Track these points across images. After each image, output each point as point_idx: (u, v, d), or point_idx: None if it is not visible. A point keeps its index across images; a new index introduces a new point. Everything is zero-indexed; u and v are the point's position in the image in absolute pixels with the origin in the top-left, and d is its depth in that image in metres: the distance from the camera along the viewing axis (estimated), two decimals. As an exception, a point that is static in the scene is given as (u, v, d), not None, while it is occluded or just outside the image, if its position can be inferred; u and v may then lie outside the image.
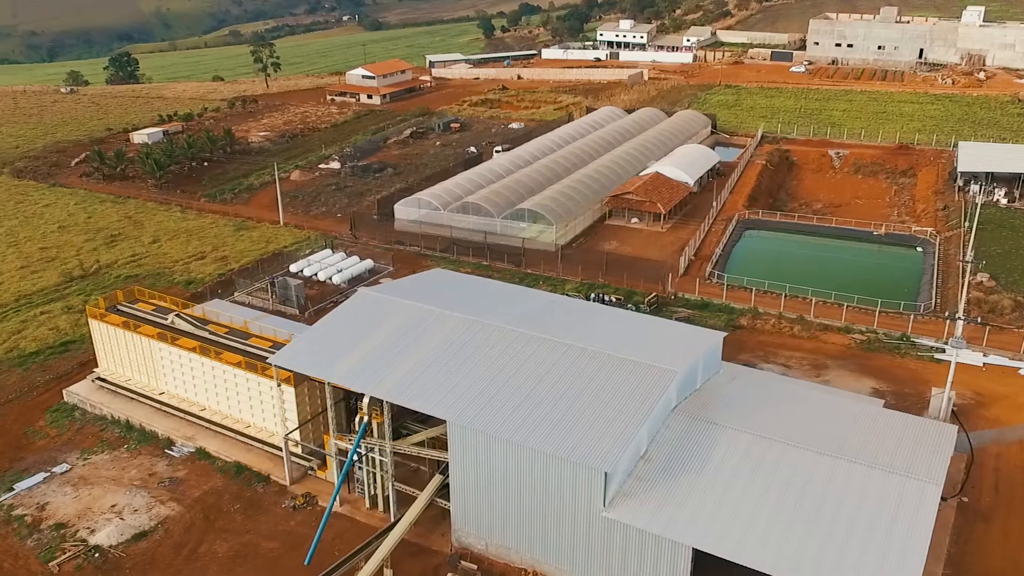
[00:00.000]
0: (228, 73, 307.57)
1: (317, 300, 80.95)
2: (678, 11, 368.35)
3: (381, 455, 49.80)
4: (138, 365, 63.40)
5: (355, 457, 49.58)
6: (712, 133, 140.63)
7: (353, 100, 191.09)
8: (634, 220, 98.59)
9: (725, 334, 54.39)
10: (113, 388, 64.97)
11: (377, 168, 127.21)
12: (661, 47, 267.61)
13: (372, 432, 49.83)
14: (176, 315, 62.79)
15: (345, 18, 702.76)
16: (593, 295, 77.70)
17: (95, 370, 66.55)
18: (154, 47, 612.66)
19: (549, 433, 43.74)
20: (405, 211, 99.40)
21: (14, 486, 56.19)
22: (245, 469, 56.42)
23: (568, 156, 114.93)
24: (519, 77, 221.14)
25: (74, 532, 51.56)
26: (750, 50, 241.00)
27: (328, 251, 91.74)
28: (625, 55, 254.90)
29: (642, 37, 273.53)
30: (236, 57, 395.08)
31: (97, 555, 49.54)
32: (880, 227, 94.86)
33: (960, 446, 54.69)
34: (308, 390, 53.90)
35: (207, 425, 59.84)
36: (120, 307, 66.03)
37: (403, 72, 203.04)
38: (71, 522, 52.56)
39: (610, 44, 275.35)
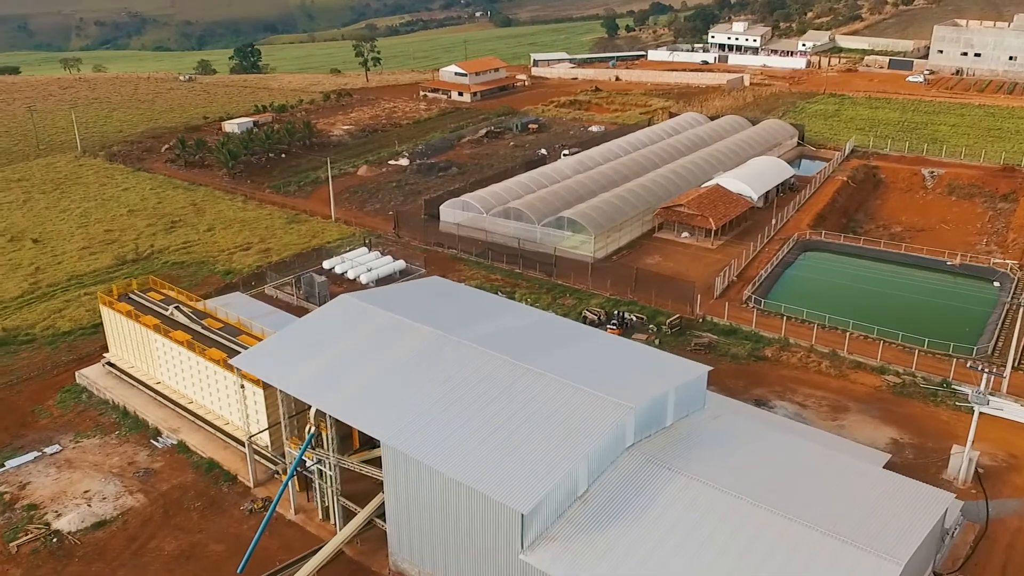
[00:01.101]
0: (350, 66, 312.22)
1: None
2: (809, 14, 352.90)
3: (328, 468, 48.42)
4: (139, 354, 64.62)
5: (299, 468, 48.38)
6: (799, 145, 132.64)
7: (444, 97, 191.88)
8: (684, 235, 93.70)
9: (710, 368, 50.00)
10: (118, 374, 66.54)
11: (442, 167, 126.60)
12: (774, 51, 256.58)
13: (323, 443, 48.52)
14: (175, 307, 63.55)
15: (478, 14, 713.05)
16: (616, 312, 73.99)
17: (105, 355, 68.37)
18: (294, 38, 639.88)
19: (478, 463, 41.10)
20: (450, 213, 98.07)
21: (5, 463, 58.15)
22: (216, 467, 56.36)
23: (630, 163, 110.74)
24: (617, 79, 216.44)
25: (42, 515, 52.70)
26: (866, 57, 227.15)
27: (364, 249, 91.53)
28: (734, 58, 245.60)
29: (755, 40, 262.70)
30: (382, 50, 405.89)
31: (55, 540, 50.42)
32: (955, 257, 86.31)
33: (975, 515, 48.54)
34: (281, 392, 53.11)
35: (192, 419, 60.24)
36: (131, 295, 67.47)
37: (496, 70, 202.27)
38: (43, 504, 53.80)
39: (721, 47, 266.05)
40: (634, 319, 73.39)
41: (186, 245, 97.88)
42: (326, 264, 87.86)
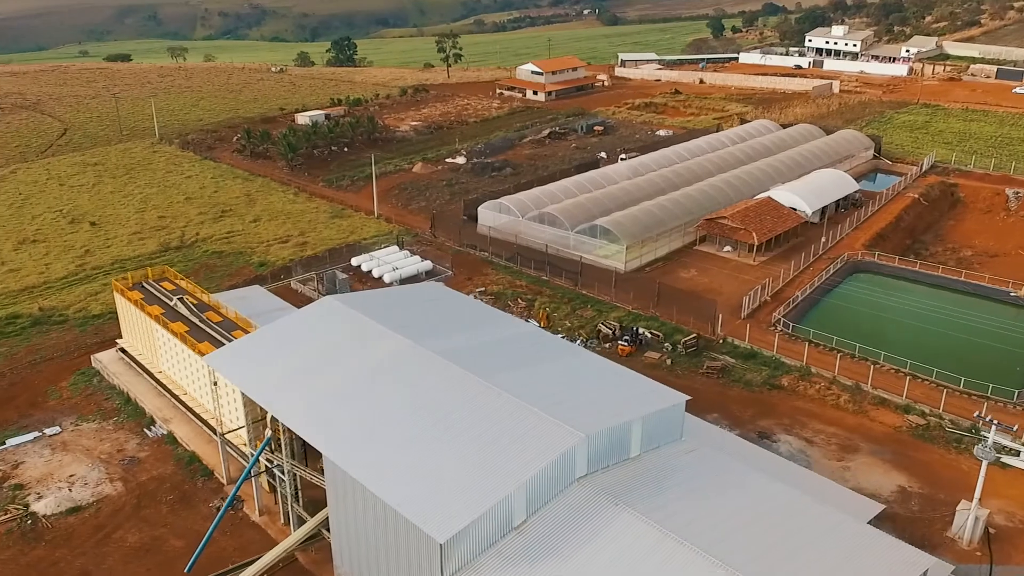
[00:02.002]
0: (467, 61, 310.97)
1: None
2: (928, 18, 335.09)
3: (283, 473, 47.67)
4: (144, 342, 65.68)
5: (253, 471, 47.82)
6: (874, 158, 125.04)
7: (519, 95, 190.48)
8: (727, 248, 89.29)
9: (688, 398, 46.69)
10: (128, 361, 67.87)
11: (497, 167, 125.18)
12: (875, 57, 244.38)
13: (282, 449, 47.78)
14: (179, 298, 64.22)
15: (586, 12, 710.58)
16: (632, 328, 70.84)
17: (118, 341, 69.89)
18: (404, 32, 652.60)
19: (410, 483, 39.39)
20: (487, 215, 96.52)
21: (6, 441, 59.99)
22: (197, 461, 56.55)
23: (683, 170, 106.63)
24: (701, 81, 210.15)
25: (25, 496, 53.94)
26: (972, 66, 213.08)
27: (395, 247, 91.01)
28: (830, 64, 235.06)
29: (855, 45, 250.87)
30: (467, 46, 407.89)
31: (30, 522, 51.47)
32: (1021, 288, 79.12)
33: (976, 581, 43.79)
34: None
35: (185, 411, 60.71)
36: (145, 284, 68.65)
37: (575, 70, 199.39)
38: (29, 485, 55.09)
39: (818, 51, 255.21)
40: (648, 336, 70.11)
41: (229, 235, 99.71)
42: (354, 261, 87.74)
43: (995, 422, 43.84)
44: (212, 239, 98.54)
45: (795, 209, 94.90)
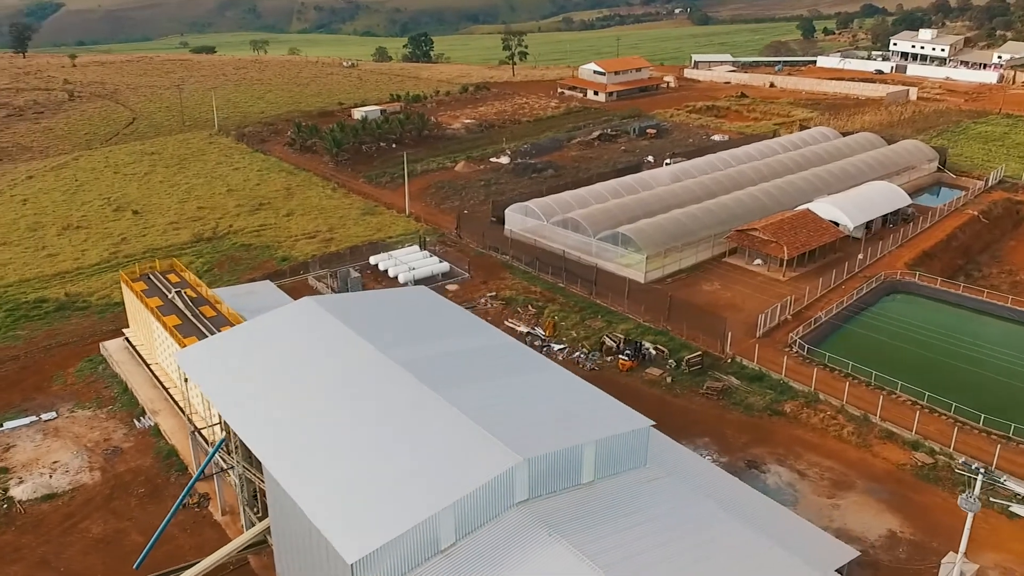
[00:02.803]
0: (538, 60, 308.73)
1: (371, 296, 79.83)
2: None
3: (235, 476, 47.17)
4: (144, 334, 66.49)
5: (207, 471, 47.46)
6: (938, 170, 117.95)
7: (580, 95, 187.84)
8: (757, 262, 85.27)
9: (652, 423, 44.05)
10: (131, 350, 68.88)
11: (539, 168, 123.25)
12: (964, 63, 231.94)
13: (236, 451, 47.26)
14: (177, 292, 64.70)
15: (677, 11, 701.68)
16: (636, 342, 68.10)
17: (124, 330, 71.03)
18: (492, 28, 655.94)
19: (336, 497, 38.15)
20: (514, 218, 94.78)
21: (3, 424, 61.53)
22: (175, 455, 56.74)
23: (723, 177, 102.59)
24: (771, 85, 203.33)
25: (7, 480, 55.09)
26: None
27: (416, 247, 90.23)
28: (914, 69, 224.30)
29: (942, 50, 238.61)
30: (546, 44, 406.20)
31: (5, 506, 52.48)
32: (1073, 318, 73.01)
33: (952, 643, 40.00)
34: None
35: (173, 404, 61.09)
36: (151, 275, 69.54)
37: (639, 70, 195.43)
38: (15, 469, 56.25)
39: (903, 55, 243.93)
40: (653, 351, 67.25)
41: (261, 228, 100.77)
42: (372, 259, 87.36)
43: (982, 468, 39.80)
44: (243, 231, 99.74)
45: (836, 223, 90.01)
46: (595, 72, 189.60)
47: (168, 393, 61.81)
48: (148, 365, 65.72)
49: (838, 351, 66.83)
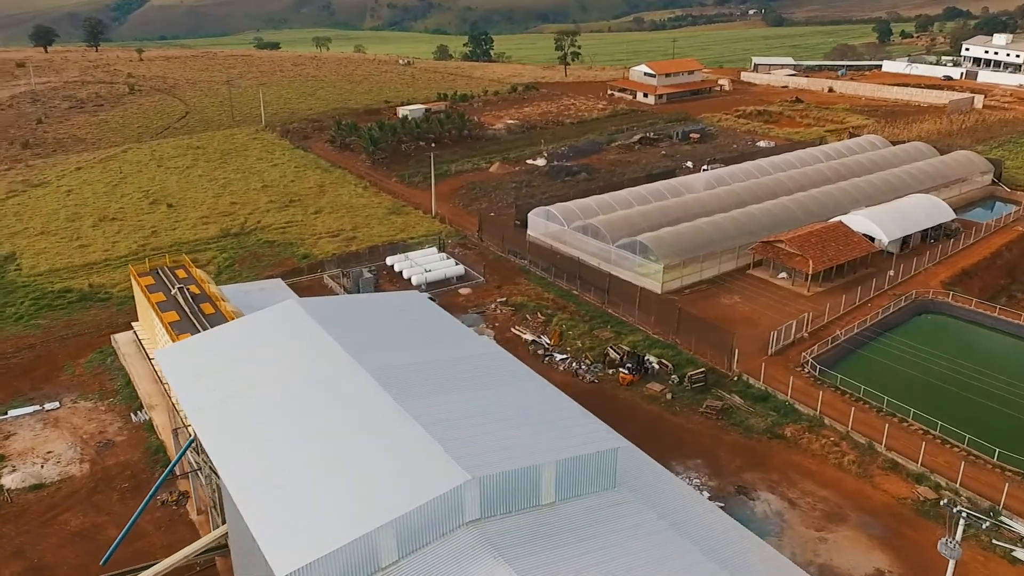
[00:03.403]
0: (594, 60, 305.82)
1: (382, 297, 79.46)
2: None
3: (202, 477, 47.03)
4: (148, 328, 67.23)
5: (175, 471, 47.41)
6: (993, 183, 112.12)
7: (629, 97, 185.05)
8: (782, 275, 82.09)
9: (619, 446, 42.24)
10: (138, 343, 69.78)
11: (573, 171, 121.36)
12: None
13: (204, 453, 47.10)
14: (179, 288, 65.21)
15: (751, 12, 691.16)
16: (639, 355, 66.05)
17: (133, 324, 72.02)
18: (561, 28, 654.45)
19: (280, 508, 37.43)
20: (536, 222, 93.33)
21: (8, 412, 62.90)
22: (163, 451, 57.11)
23: (755, 186, 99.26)
24: (830, 90, 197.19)
25: (1, 468, 56.21)
26: None
27: (434, 249, 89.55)
28: (986, 75, 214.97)
29: (1018, 56, 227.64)
30: (615, 44, 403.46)
31: (-6, 494, 53.55)
32: (1117, 347, 68.14)
33: None
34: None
35: (169, 399, 61.46)
36: (160, 271, 70.30)
37: (691, 73, 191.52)
38: (10, 457, 57.35)
39: (975, 61, 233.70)
40: (656, 365, 65.09)
41: (288, 225, 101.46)
42: (389, 260, 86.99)
43: (964, 511, 36.91)
44: (270, 228, 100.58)
45: (871, 237, 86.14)
46: (645, 74, 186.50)
47: (166, 388, 62.24)
48: (151, 359, 66.42)
49: (853, 373, 63.72)
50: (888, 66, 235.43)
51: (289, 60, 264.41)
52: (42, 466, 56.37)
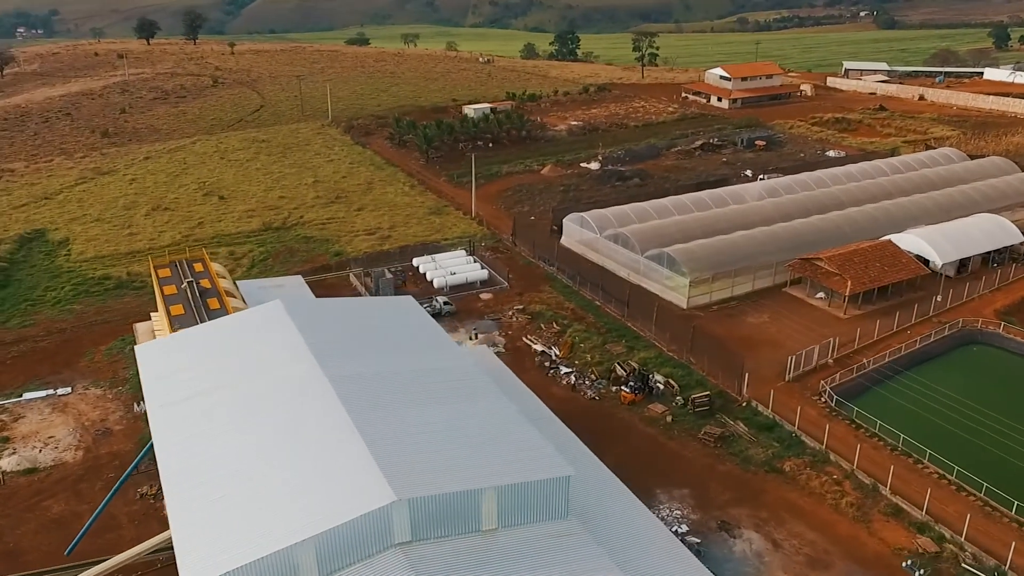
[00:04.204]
0: (677, 62, 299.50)
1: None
2: None
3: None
4: (161, 319, 68.39)
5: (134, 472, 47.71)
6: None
7: (702, 100, 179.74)
8: (819, 295, 77.50)
9: (571, 474, 39.99)
10: (155, 332, 71.10)
11: (625, 176, 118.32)
12: None
13: (176, 448, 47.20)
14: (188, 282, 66.01)
15: (863, 14, 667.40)
16: (645, 374, 63.26)
17: (152, 314, 73.39)
18: (662, 27, 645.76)
19: (207, 518, 36.96)
20: (571, 229, 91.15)
21: (24, 394, 65.06)
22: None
23: (808, 199, 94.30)
24: (921, 98, 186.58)
25: (2, 450, 58.03)
26: None
27: (462, 252, 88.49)
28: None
29: None
30: (715, 45, 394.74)
31: (-10, 476, 55.29)
32: None
33: None
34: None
35: (167, 391, 62.34)
36: (178, 263, 71.41)
37: (769, 77, 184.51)
38: (14, 440, 59.20)
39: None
40: (661, 385, 62.18)
41: (328, 221, 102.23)
42: (415, 261, 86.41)
43: (920, 572, 33.24)
44: (311, 224, 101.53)
45: (923, 259, 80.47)
46: (720, 77, 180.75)
47: (166, 381, 63.14)
48: (161, 350, 67.53)
49: (874, 406, 59.39)
50: (990, 74, 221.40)
51: (372, 56, 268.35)
52: (40, 451, 57.92)
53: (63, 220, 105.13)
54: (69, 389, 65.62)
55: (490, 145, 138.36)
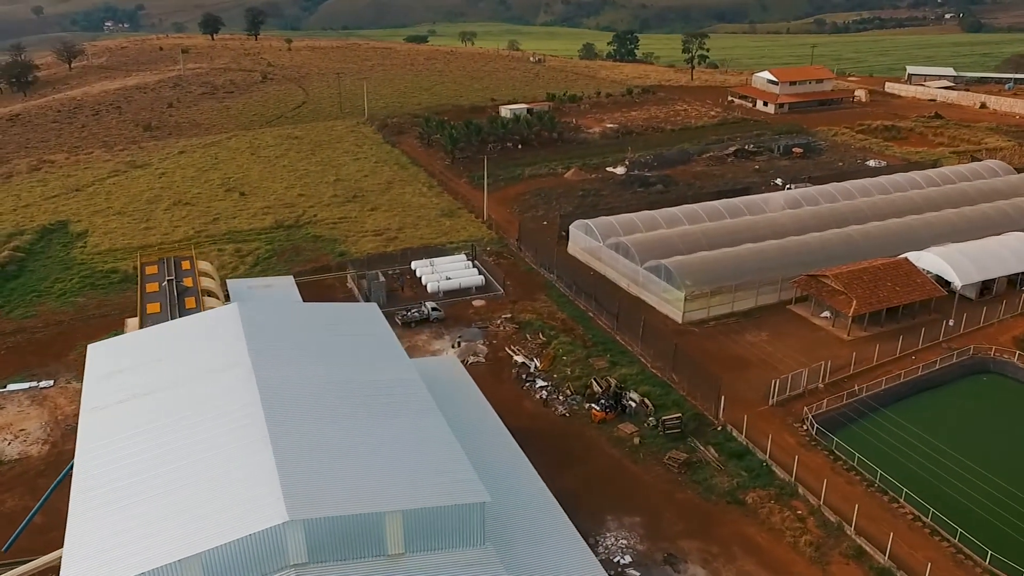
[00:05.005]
0: (757, 62, 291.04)
1: (403, 302, 77.94)
2: None
3: (102, 478, 46.88)
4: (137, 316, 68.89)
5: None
6: None
7: (748, 104, 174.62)
8: (824, 314, 73.69)
9: (485, 501, 38.21)
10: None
11: (650, 182, 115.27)
12: None
13: (114, 451, 47.03)
14: (167, 281, 66.28)
15: (947, 16, 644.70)
16: (618, 392, 60.89)
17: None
18: (736, 28, 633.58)
19: (103, 533, 36.37)
20: (577, 236, 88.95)
21: (7, 385, 66.24)
22: (117, 441, 57.97)
23: (832, 212, 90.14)
24: (982, 105, 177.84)
25: (-25, 440, 59.11)
26: None
27: (463, 256, 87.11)
28: None
29: None
30: (786, 47, 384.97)
31: (-45, 467, 56.21)
32: None
33: None
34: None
35: (141, 389, 62.61)
36: (165, 261, 71.81)
37: (820, 81, 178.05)
38: (-11, 431, 60.30)
39: None
40: (635, 404, 59.71)
41: (339, 221, 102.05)
42: (413, 265, 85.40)
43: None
44: (323, 223, 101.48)
45: (943, 280, 75.85)
46: (768, 81, 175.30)
47: (141, 378, 63.43)
48: (142, 347, 67.95)
49: (858, 437, 56.06)
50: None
51: (424, 54, 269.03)
52: (9, 443, 58.72)
53: (87, 212, 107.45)
54: (52, 382, 66.54)
55: (519, 147, 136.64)
